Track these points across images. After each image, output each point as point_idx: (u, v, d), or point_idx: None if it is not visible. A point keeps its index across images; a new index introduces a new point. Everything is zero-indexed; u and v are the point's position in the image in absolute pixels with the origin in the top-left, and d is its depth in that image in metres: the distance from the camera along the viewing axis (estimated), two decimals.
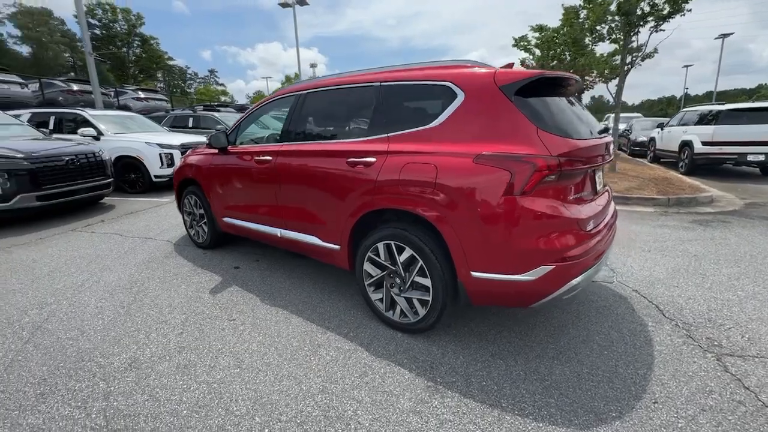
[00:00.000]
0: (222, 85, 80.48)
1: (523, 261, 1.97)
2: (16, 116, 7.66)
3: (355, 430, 1.72)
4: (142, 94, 15.45)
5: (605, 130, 2.55)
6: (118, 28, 31.89)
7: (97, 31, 31.09)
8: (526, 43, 12.84)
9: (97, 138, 7.24)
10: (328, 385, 2.03)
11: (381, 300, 2.57)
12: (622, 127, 17.02)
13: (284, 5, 22.60)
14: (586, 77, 12.30)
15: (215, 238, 4.07)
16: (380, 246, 2.44)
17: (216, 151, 3.67)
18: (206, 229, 4.10)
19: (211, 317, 2.75)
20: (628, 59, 8.11)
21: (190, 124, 11.03)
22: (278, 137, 3.20)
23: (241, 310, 2.85)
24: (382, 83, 2.55)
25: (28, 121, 7.69)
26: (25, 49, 51.11)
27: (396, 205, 2.31)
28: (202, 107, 13.87)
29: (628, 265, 3.63)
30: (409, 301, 2.41)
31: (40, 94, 11.82)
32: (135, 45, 31.43)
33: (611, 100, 9.08)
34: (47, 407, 1.89)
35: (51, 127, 7.69)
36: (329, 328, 2.59)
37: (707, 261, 3.68)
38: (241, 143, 3.56)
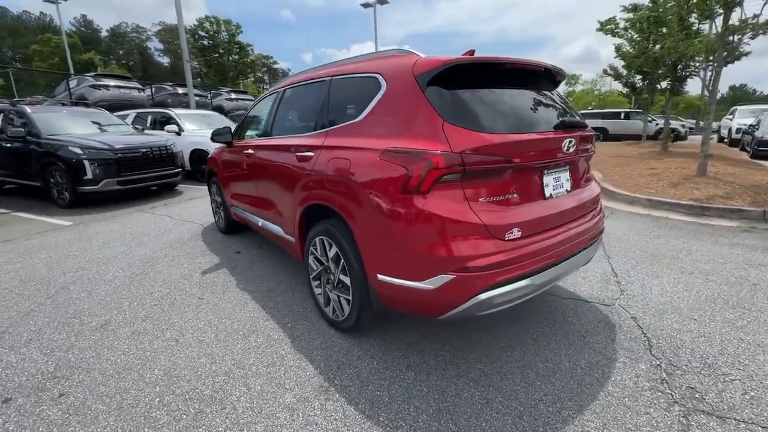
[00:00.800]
0: None
1: (422, 267, 1.80)
2: (124, 116, 9.34)
3: (226, 414, 1.79)
4: (233, 95, 17.52)
5: (570, 124, 2.17)
6: (221, 38, 36.68)
7: (205, 42, 36.13)
8: (613, 26, 11.21)
9: (178, 133, 8.44)
10: (234, 368, 2.12)
11: (321, 294, 2.57)
12: (747, 122, 13.89)
13: (366, 5, 23.33)
14: (692, 62, 10.27)
15: (230, 225, 4.48)
16: (317, 241, 2.45)
17: (226, 145, 4.03)
18: (223, 216, 4.53)
19: (187, 294, 3.06)
20: (734, 37, 6.54)
21: None
22: (260, 133, 3.39)
23: (214, 291, 3.12)
24: (332, 77, 2.54)
25: (133, 120, 9.32)
26: (165, 60, 61.61)
27: (321, 200, 2.29)
28: None
29: (648, 286, 3.01)
30: (338, 298, 2.38)
31: (152, 97, 14.20)
32: (234, 51, 35.80)
33: (749, 88, 7.40)
34: (27, 350, 2.34)
35: (147, 124, 9.20)
36: (275, 317, 2.69)
37: (765, 293, 2.86)
38: (240, 138, 3.85)
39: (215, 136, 3.83)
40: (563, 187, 2.16)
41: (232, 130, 3.90)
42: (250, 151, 3.35)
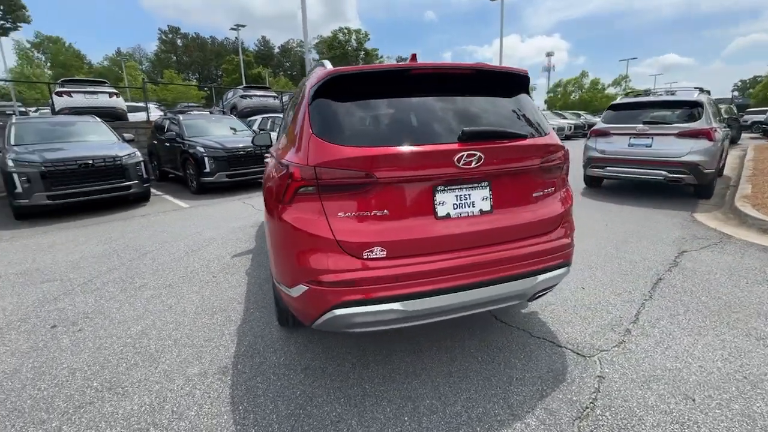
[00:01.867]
0: None
1: (289, 275, 1.87)
2: (252, 120, 11.32)
3: (147, 369, 2.22)
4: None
5: (479, 134, 1.86)
6: (350, 46, 40.06)
7: (337, 52, 40.10)
8: None
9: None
10: (182, 338, 2.56)
11: None
12: None
13: None
14: None
15: None
16: None
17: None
18: None
19: (208, 272, 3.72)
20: None
21: None
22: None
23: (227, 272, 3.70)
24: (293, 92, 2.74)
25: (259, 123, 11.22)
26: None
27: None
28: None
29: (666, 344, 2.29)
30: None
31: (282, 103, 16.74)
32: (360, 57, 38.62)
33: None
34: (84, 296, 3.27)
35: (268, 126, 10.96)
36: (249, 301, 3.07)
37: None
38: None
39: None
40: (475, 207, 1.88)
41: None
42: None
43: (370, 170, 1.72)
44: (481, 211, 1.89)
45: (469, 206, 1.87)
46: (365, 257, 1.73)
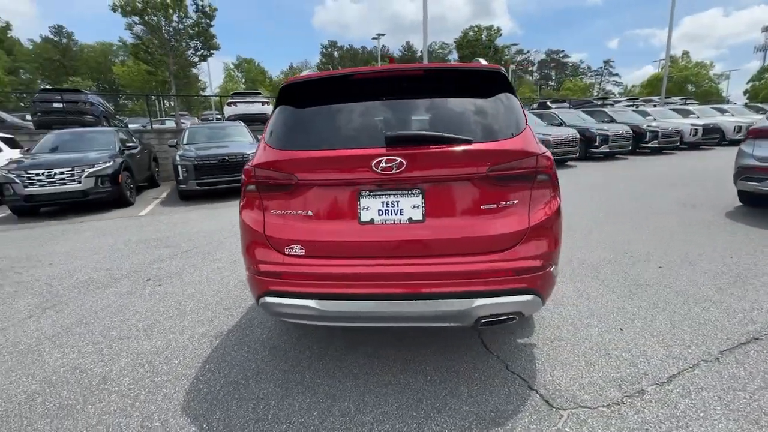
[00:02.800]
0: (617, 75, 74.81)
1: (243, 260, 2.13)
2: None
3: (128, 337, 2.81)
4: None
5: (405, 138, 1.75)
6: (481, 44, 37.96)
7: (465, 51, 38.57)
8: None
9: None
10: (201, 305, 3.12)
11: None
12: None
13: None
14: None
15: None
16: None
17: None
18: None
19: (222, 258, 4.34)
20: None
21: None
22: None
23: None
24: None
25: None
26: None
27: None
28: None
29: (663, 402, 1.68)
30: None
31: None
32: (489, 55, 36.16)
33: None
34: (163, 264, 4.24)
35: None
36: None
37: None
38: None
39: None
40: (403, 215, 1.77)
41: None
42: None
43: (293, 172, 1.83)
44: (410, 219, 1.78)
45: (396, 214, 1.79)
46: (287, 253, 1.86)
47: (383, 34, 32.00)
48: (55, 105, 11.87)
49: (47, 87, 15.94)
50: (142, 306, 3.13)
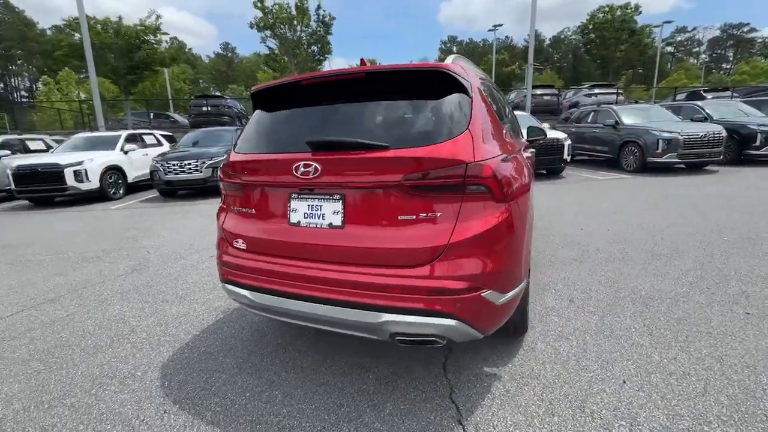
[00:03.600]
0: None
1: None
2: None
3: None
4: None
5: (323, 144, 1.77)
6: (612, 26, 31.51)
7: (592, 35, 32.66)
8: None
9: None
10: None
11: None
12: None
13: None
14: None
15: None
16: None
17: None
18: None
19: None
20: None
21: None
22: None
23: None
24: None
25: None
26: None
27: None
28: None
29: None
30: None
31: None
32: (622, 40, 29.64)
33: None
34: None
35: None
36: None
37: None
38: None
39: None
40: (325, 220, 1.77)
41: None
42: None
43: (239, 173, 2.01)
44: (330, 225, 1.77)
45: (319, 218, 1.80)
46: (235, 246, 2.05)
47: (500, 25, 30.20)
48: (203, 108, 14.83)
49: (199, 94, 21.01)
50: (192, 277, 3.77)
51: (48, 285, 3.76)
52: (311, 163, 1.74)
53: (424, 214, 1.63)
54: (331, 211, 1.78)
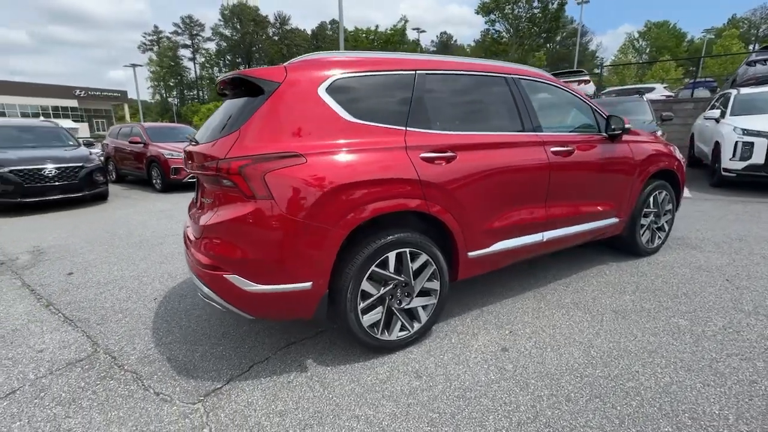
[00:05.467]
0: None
1: None
2: None
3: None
4: None
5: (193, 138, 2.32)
6: None
7: None
8: None
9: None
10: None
11: None
12: None
13: None
14: None
15: None
16: None
17: None
18: None
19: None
20: None
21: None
22: None
23: None
24: None
25: None
26: None
27: None
28: None
29: None
30: None
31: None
32: None
33: None
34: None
35: None
36: None
37: None
38: None
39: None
40: (206, 199, 2.19)
41: None
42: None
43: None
44: (197, 208, 2.30)
45: (199, 200, 2.29)
46: (184, 233, 2.57)
47: None
48: None
49: None
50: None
51: None
52: (189, 157, 2.22)
53: (209, 199, 2.02)
54: (200, 196, 2.27)
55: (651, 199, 3.50)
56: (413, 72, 2.28)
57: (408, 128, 2.19)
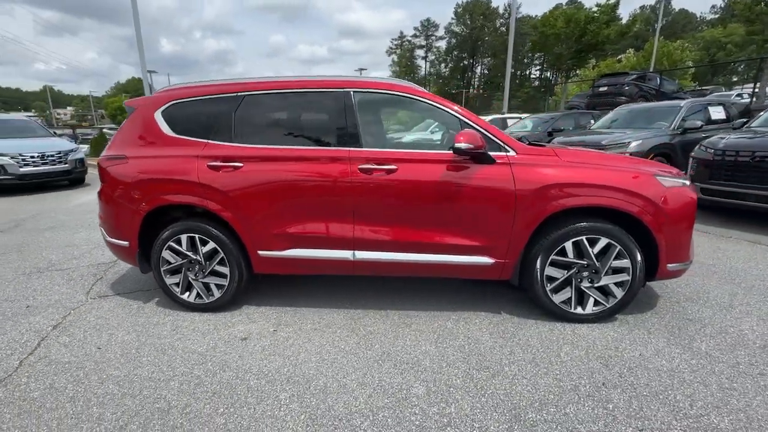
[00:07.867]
0: None
1: None
2: None
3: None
4: None
5: None
6: None
7: None
8: None
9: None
10: None
11: None
12: None
13: None
14: None
15: None
16: None
17: None
18: None
19: None
20: None
21: None
22: None
23: None
24: None
25: None
26: None
27: None
28: None
29: None
30: None
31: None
32: None
33: None
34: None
35: None
36: None
37: None
38: None
39: None
40: None
41: None
42: None
43: None
44: None
45: None
46: None
47: None
48: (600, 89, 13.85)
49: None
50: None
51: None
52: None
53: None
54: None
55: (568, 245, 2.59)
56: (234, 94, 2.83)
57: (209, 141, 2.81)
